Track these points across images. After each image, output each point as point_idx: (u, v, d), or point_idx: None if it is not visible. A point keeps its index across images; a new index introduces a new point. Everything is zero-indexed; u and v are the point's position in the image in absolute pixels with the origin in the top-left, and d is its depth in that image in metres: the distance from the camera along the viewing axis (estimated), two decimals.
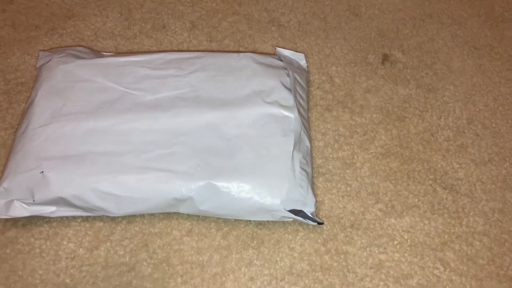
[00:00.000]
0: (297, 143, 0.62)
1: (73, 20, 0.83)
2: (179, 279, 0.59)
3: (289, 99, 0.64)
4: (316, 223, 0.60)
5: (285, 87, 0.66)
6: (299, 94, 0.67)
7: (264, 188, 0.58)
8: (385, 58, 0.78)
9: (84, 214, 0.61)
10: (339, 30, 0.82)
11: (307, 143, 0.64)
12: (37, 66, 0.70)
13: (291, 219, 0.60)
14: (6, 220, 0.63)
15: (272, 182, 0.59)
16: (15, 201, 0.59)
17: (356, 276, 0.59)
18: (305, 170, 0.61)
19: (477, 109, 0.73)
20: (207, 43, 0.80)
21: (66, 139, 0.61)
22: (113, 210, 0.60)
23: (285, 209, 0.58)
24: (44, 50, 0.73)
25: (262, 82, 0.66)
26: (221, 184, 0.58)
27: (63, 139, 0.61)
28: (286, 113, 0.63)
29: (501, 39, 0.82)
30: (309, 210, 0.59)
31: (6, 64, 0.77)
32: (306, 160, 0.62)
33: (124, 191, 0.58)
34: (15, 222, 0.63)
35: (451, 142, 0.70)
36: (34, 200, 0.59)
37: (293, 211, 0.59)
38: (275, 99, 0.64)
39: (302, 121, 0.64)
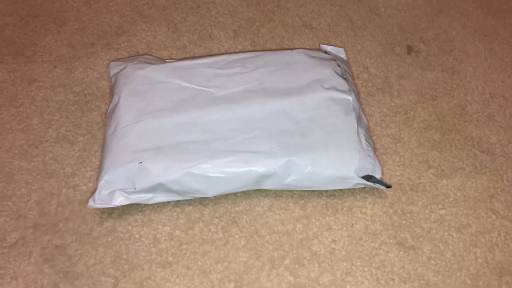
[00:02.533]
0: (359, 120, 0.71)
1: (125, 36, 0.91)
2: (271, 247, 0.66)
3: (344, 84, 0.74)
4: (385, 187, 0.69)
5: (338, 75, 0.75)
6: (350, 81, 0.77)
7: (339, 160, 0.67)
8: (409, 49, 0.89)
9: (178, 198, 0.68)
10: (365, 28, 0.93)
11: (365, 120, 0.74)
12: (111, 74, 0.77)
13: (362, 186, 0.69)
14: (102, 212, 0.69)
15: (345, 154, 0.67)
16: (117, 191, 0.66)
17: (423, 230, 0.68)
18: (369, 143, 0.70)
19: (496, 85, 0.85)
20: (252, 48, 0.89)
21: (156, 133, 0.68)
22: (207, 191, 0.67)
23: (358, 176, 0.67)
24: (114, 60, 0.80)
25: (318, 72, 0.75)
26: (300, 159, 0.67)
27: (153, 133, 0.68)
28: (344, 95, 0.72)
29: (504, 26, 0.94)
30: (378, 175, 0.68)
31: (72, 79, 0.84)
32: (368, 135, 0.71)
33: (216, 173, 0.66)
34: (110, 213, 0.69)
35: (480, 114, 0.81)
36: (135, 189, 0.65)
37: (366, 177, 0.67)
38: (332, 85, 0.73)
39: (358, 103, 0.73)
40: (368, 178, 0.68)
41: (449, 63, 0.88)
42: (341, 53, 0.84)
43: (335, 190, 0.71)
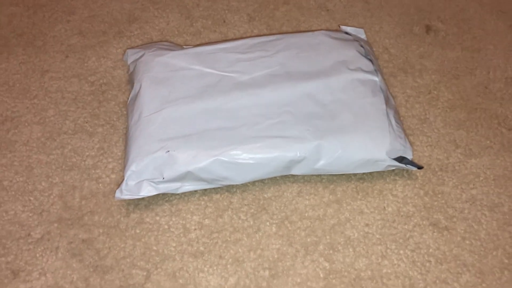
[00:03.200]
0: (387, 101, 0.70)
1: (137, 23, 0.88)
2: (303, 233, 0.65)
3: (369, 65, 0.72)
4: (416, 168, 0.68)
5: (362, 55, 0.74)
6: (375, 61, 0.75)
7: (369, 142, 0.66)
8: (428, 28, 0.88)
9: (207, 186, 0.66)
10: (382, 9, 0.92)
11: (393, 101, 0.72)
12: (129, 62, 0.75)
13: (394, 168, 0.68)
14: (128, 204, 0.67)
15: (376, 136, 0.66)
16: (144, 181, 0.64)
17: (456, 210, 0.67)
18: (399, 123, 0.69)
19: None
20: (268, 31, 0.87)
21: (181, 121, 0.66)
22: (236, 178, 0.65)
23: (390, 158, 0.66)
24: (131, 48, 0.78)
25: (342, 53, 0.73)
26: (330, 143, 0.65)
27: (179, 121, 0.66)
28: (370, 76, 0.71)
29: None
30: (409, 156, 0.67)
31: (85, 68, 0.82)
32: (397, 115, 0.70)
33: (245, 159, 0.64)
34: (136, 205, 0.67)
35: (504, 92, 0.80)
36: (163, 178, 0.64)
37: (398, 159, 0.66)
38: (357, 66, 0.72)
39: (385, 84, 0.72)
40: (400, 159, 0.66)
41: (468, 42, 0.87)
42: (361, 33, 0.82)
43: (364, 173, 0.70)
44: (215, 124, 0.66)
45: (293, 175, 0.70)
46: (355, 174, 0.70)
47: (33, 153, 0.72)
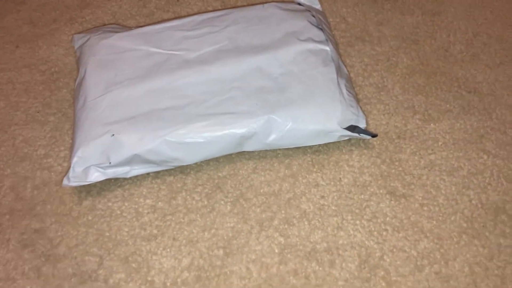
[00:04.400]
0: (338, 70, 0.68)
1: (89, 8, 0.86)
2: (258, 210, 0.64)
3: (320, 35, 0.70)
4: (370, 136, 0.66)
5: (314, 25, 0.71)
6: (327, 31, 0.73)
7: (320, 113, 0.64)
8: None
9: (156, 169, 0.65)
10: None
11: (346, 70, 0.70)
12: (76, 47, 0.73)
13: (347, 137, 0.66)
14: (80, 191, 0.66)
15: (326, 107, 0.64)
16: (91, 167, 0.63)
17: (414, 177, 0.66)
18: (351, 92, 0.67)
19: (479, 23, 0.82)
20: (222, 8, 0.85)
21: (127, 103, 0.65)
22: (186, 158, 0.64)
23: (342, 128, 0.64)
24: (78, 33, 0.76)
25: (292, 24, 0.71)
26: (280, 116, 0.64)
27: (124, 103, 0.65)
28: (321, 46, 0.69)
29: None
30: (362, 125, 0.65)
31: (37, 58, 0.80)
32: (349, 84, 0.68)
33: (194, 138, 0.63)
34: (88, 191, 0.66)
35: (464, 54, 0.78)
36: (110, 163, 0.62)
37: (350, 128, 0.64)
38: (308, 37, 0.70)
39: (337, 53, 0.70)
40: (353, 128, 0.65)
41: (428, 5, 0.84)
42: (315, 3, 0.80)
43: (320, 146, 0.69)
44: (161, 104, 0.65)
45: (249, 152, 0.69)
46: (311, 147, 0.69)
47: None
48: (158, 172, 0.67)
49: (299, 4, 0.77)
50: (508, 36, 0.79)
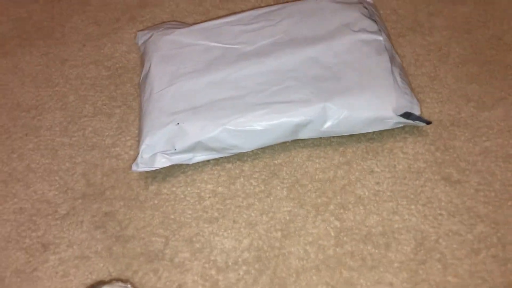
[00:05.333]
0: (392, 59, 0.69)
1: (148, 8, 0.91)
2: (313, 195, 0.66)
3: (373, 25, 0.72)
4: (425, 123, 0.67)
5: (366, 16, 0.73)
6: (379, 22, 0.75)
7: (375, 100, 0.66)
8: None
9: (217, 156, 0.69)
10: None
11: (399, 59, 0.72)
12: (139, 44, 0.78)
13: (402, 125, 0.68)
14: (146, 177, 0.71)
15: (381, 94, 0.66)
16: (158, 153, 0.67)
17: (468, 163, 0.66)
18: (405, 80, 0.68)
19: None
20: (275, 2, 0.88)
21: (190, 94, 0.69)
22: (245, 145, 0.67)
23: (397, 115, 0.66)
24: (141, 30, 0.81)
25: (345, 16, 0.74)
26: (336, 104, 0.66)
27: (187, 95, 0.69)
28: (374, 36, 0.71)
29: None
30: (417, 112, 0.67)
31: (102, 55, 0.85)
32: (403, 73, 0.70)
33: (253, 126, 0.66)
34: (154, 177, 0.70)
35: None
36: (175, 149, 0.66)
37: (404, 115, 0.66)
38: (361, 27, 0.72)
39: (390, 42, 0.72)
40: (407, 115, 0.66)
41: None
42: None
43: (374, 133, 0.70)
44: (222, 95, 0.68)
45: (303, 140, 0.71)
46: (364, 135, 0.70)
47: (57, 136, 0.76)
48: (218, 160, 0.71)
49: None
50: None
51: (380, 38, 0.70)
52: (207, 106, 0.67)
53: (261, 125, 0.66)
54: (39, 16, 0.93)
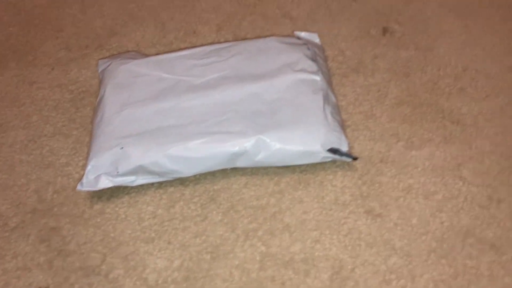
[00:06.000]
0: (326, 98, 0.75)
1: (116, 37, 0.97)
2: (245, 221, 0.71)
3: (313, 66, 0.78)
4: (351, 159, 0.72)
5: (308, 57, 0.79)
6: (321, 63, 0.81)
7: (305, 135, 0.71)
8: (385, 30, 0.93)
9: (159, 179, 0.73)
10: (342, 14, 0.97)
11: (334, 99, 0.77)
12: (99, 71, 0.84)
13: (330, 159, 0.73)
14: (92, 196, 0.75)
15: (311, 130, 0.71)
16: (102, 175, 0.72)
17: (391, 198, 0.71)
18: (336, 119, 0.74)
19: (469, 59, 0.87)
20: (233, 40, 0.94)
21: (138, 120, 0.74)
22: (184, 171, 0.72)
23: (325, 150, 0.71)
24: (102, 58, 0.87)
25: (289, 56, 0.79)
26: (269, 137, 0.71)
27: (135, 121, 0.74)
28: (312, 76, 0.76)
29: (480, 2, 0.96)
30: (344, 148, 0.72)
31: (68, 79, 0.91)
32: (336, 111, 0.75)
33: (192, 153, 0.71)
34: (99, 197, 0.75)
35: (452, 87, 0.83)
36: (118, 172, 0.71)
37: (331, 150, 0.71)
38: (302, 68, 0.77)
39: (327, 83, 0.77)
40: (335, 151, 0.71)
41: (423, 41, 0.90)
42: (314, 38, 0.88)
43: (307, 165, 0.75)
44: (167, 123, 0.74)
45: (242, 168, 0.76)
46: (299, 167, 0.75)
47: (16, 153, 0.81)
48: (161, 183, 0.75)
49: (299, 38, 0.85)
50: (495, 72, 0.84)
51: (318, 78, 0.76)
52: (152, 132, 0.73)
53: (200, 153, 0.71)
54: (15, 39, 0.99)
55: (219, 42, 0.90)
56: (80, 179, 0.77)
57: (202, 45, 0.90)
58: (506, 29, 0.91)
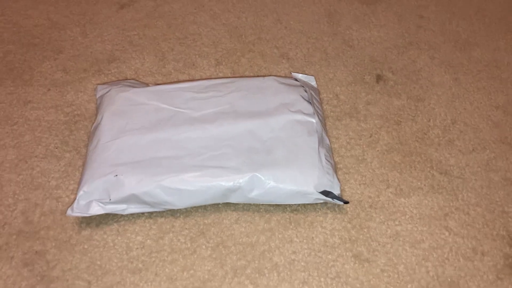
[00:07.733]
0: (320, 141, 0.76)
1: (115, 63, 0.98)
2: (234, 257, 0.71)
3: (309, 108, 0.80)
4: (342, 202, 0.73)
5: (305, 99, 0.81)
6: (316, 105, 0.83)
7: (299, 176, 0.72)
8: (378, 78, 0.96)
9: (150, 209, 0.73)
10: (338, 59, 1.00)
11: (328, 141, 0.79)
12: (97, 96, 0.84)
13: (322, 201, 0.74)
14: (81, 222, 0.75)
15: (305, 171, 0.73)
16: (93, 201, 0.71)
17: (379, 244, 0.72)
18: (329, 161, 0.75)
19: (458, 112, 0.90)
20: (232, 75, 0.96)
21: (133, 149, 0.74)
22: (177, 203, 0.72)
23: (317, 192, 0.72)
24: (101, 84, 0.88)
25: (286, 96, 0.81)
26: (263, 174, 0.72)
27: (130, 149, 0.74)
28: (308, 118, 0.78)
29: (469, 58, 1.01)
30: (336, 191, 0.73)
31: (63, 101, 0.91)
32: (329, 154, 0.77)
33: (186, 186, 0.71)
34: (88, 223, 0.74)
35: (441, 138, 0.86)
36: (110, 199, 0.71)
37: (324, 193, 0.72)
38: (298, 109, 0.79)
39: (322, 125, 0.79)
40: (327, 193, 0.72)
41: (414, 91, 0.94)
42: (311, 80, 0.90)
43: (298, 205, 0.76)
44: (162, 153, 0.74)
45: (234, 204, 0.77)
46: (290, 206, 0.76)
47: (6, 172, 0.80)
48: (151, 213, 0.75)
49: (296, 80, 0.87)
50: (483, 126, 0.88)
51: (313, 120, 0.78)
52: (147, 162, 0.73)
53: (194, 186, 0.71)
54: (13, 57, 0.99)
55: (218, 77, 0.92)
56: (69, 202, 0.77)
57: (201, 78, 0.92)
58: (493, 86, 0.95)
